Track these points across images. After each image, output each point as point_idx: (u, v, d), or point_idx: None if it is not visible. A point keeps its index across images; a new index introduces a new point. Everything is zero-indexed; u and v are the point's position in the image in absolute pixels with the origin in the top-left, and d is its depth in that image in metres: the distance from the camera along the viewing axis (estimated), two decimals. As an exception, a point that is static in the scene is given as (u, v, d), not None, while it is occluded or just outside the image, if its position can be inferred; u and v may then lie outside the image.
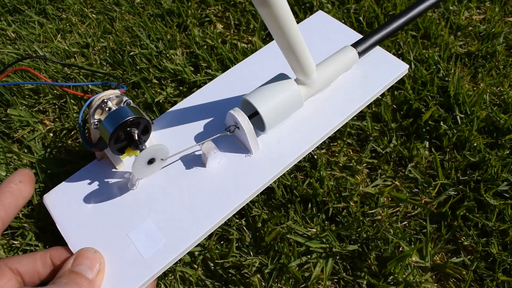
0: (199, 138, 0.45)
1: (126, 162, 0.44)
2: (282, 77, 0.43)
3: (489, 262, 0.43)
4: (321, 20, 0.55)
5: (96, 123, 0.40)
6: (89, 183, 0.43)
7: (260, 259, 0.42)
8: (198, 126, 0.47)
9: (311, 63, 0.41)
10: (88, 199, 0.42)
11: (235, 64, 0.56)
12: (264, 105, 0.41)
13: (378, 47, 0.50)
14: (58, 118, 0.55)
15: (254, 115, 0.43)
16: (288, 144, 0.44)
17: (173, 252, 0.39)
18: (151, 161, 0.39)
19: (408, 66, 0.48)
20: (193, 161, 0.44)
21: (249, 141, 0.43)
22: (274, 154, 0.44)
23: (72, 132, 0.53)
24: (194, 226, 0.40)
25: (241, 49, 0.59)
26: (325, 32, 0.53)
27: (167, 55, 0.59)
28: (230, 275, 0.42)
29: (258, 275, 0.42)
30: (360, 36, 0.50)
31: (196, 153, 0.44)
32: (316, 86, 0.44)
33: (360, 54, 0.47)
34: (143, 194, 0.42)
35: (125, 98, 0.40)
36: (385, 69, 0.48)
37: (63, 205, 0.42)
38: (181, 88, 0.56)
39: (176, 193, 0.42)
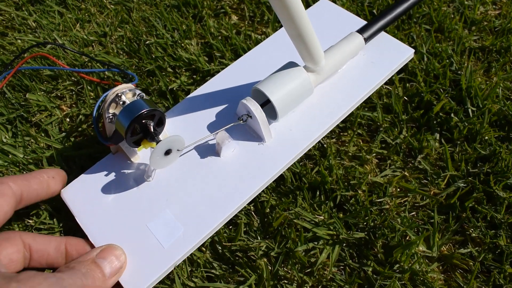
0: (212, 128, 0.46)
1: (141, 155, 0.45)
2: (291, 65, 0.44)
3: (496, 254, 0.43)
4: (325, 8, 0.56)
5: (111, 117, 0.41)
6: (105, 177, 0.44)
7: (267, 243, 0.43)
8: (210, 116, 0.47)
9: (319, 51, 0.42)
10: (105, 192, 0.43)
11: (248, 54, 0.56)
12: (275, 93, 0.42)
13: (383, 33, 0.51)
14: (75, 104, 0.56)
15: (265, 104, 0.44)
16: (300, 131, 0.45)
17: (192, 240, 0.40)
18: (167, 152, 0.40)
19: (413, 51, 0.49)
20: (207, 150, 0.45)
21: (262, 129, 0.43)
22: (287, 141, 0.45)
23: (88, 118, 0.54)
24: (212, 214, 0.41)
25: (254, 39, 0.60)
26: (330, 20, 0.54)
27: (182, 44, 0.60)
28: (237, 258, 0.42)
29: (265, 259, 0.42)
30: (365, 23, 0.50)
31: (210, 142, 0.45)
32: (325, 73, 0.45)
33: (366, 40, 0.47)
34: (160, 185, 0.43)
35: (138, 92, 0.41)
36: (391, 54, 0.49)
37: (81, 199, 0.43)
38: (194, 76, 0.57)
39: (192, 182, 0.43)
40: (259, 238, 0.44)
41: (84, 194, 0.43)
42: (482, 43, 0.60)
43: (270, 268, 0.42)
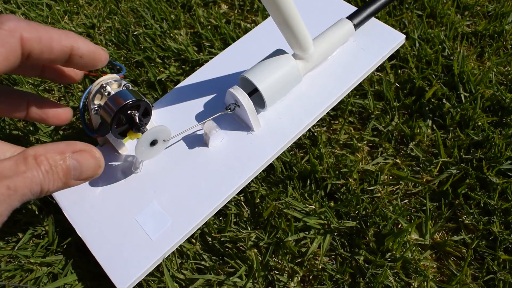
0: (200, 118, 0.45)
1: (129, 147, 0.44)
2: (279, 52, 0.43)
3: (490, 240, 0.42)
4: None
5: (96, 108, 0.40)
6: None
7: (257, 234, 0.42)
8: (198, 106, 0.47)
9: (307, 37, 0.41)
10: (93, 185, 0.43)
11: (237, 43, 0.56)
12: (263, 81, 0.41)
13: (373, 19, 0.50)
14: (63, 97, 0.55)
15: (253, 92, 0.43)
16: (289, 119, 0.44)
17: (180, 232, 0.40)
18: (153, 143, 0.40)
19: (404, 36, 0.48)
20: (195, 141, 0.44)
21: (250, 118, 0.43)
22: (276, 130, 0.44)
23: (76, 110, 0.53)
24: (200, 205, 0.41)
25: (244, 28, 0.59)
26: (320, 6, 0.53)
27: (171, 34, 0.59)
28: (227, 249, 0.42)
29: (255, 250, 0.42)
30: (355, 9, 0.49)
31: (198, 133, 0.44)
32: (314, 60, 0.44)
33: (356, 26, 0.47)
34: (148, 177, 0.43)
35: (123, 82, 0.41)
36: (381, 40, 0.48)
37: (69, 192, 0.43)
38: (183, 67, 0.56)
39: (180, 174, 0.43)
40: (249, 228, 0.43)
41: (72, 188, 0.43)
42: (475, 28, 0.59)
43: (260, 258, 0.41)
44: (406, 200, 0.45)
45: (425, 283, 0.40)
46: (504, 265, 0.41)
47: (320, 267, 0.41)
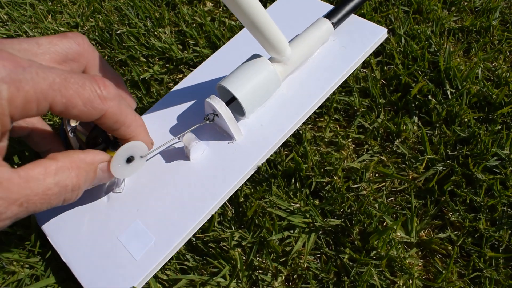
0: (181, 130, 0.44)
1: None
2: (256, 57, 0.42)
3: (476, 238, 0.42)
4: None
5: (73, 130, 0.40)
6: None
7: (241, 233, 0.42)
8: (180, 118, 0.46)
9: (281, 40, 0.40)
10: (77, 207, 0.42)
11: (221, 41, 0.55)
12: (240, 89, 0.40)
13: (353, 15, 0.49)
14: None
15: (232, 100, 0.42)
16: (271, 125, 0.44)
17: (164, 250, 0.39)
18: (129, 160, 0.38)
19: (386, 30, 0.47)
20: (177, 155, 0.43)
21: (230, 127, 0.42)
22: (258, 137, 0.43)
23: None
24: (184, 220, 0.40)
25: (228, 25, 0.58)
26: (296, 7, 0.52)
27: (155, 33, 0.59)
28: (210, 249, 0.41)
29: (239, 249, 0.41)
30: (332, 7, 0.49)
31: (177, 146, 0.44)
32: (292, 63, 0.43)
33: (335, 24, 0.46)
34: (130, 195, 0.42)
35: None
36: (363, 37, 0.48)
37: (51, 215, 0.42)
38: (168, 65, 0.56)
39: (162, 189, 0.42)
40: (233, 228, 0.42)
41: (54, 209, 0.42)
42: (461, 23, 0.58)
43: (244, 258, 0.41)
44: (392, 198, 0.44)
45: (411, 281, 0.39)
46: (490, 262, 0.40)
47: (305, 266, 0.40)
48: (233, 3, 0.34)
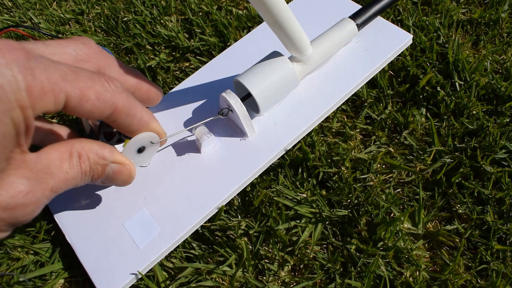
0: (194, 123, 0.44)
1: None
2: (275, 55, 0.41)
3: (483, 230, 0.42)
4: None
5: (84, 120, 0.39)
6: None
7: (247, 222, 0.41)
8: (194, 111, 0.45)
9: (303, 38, 0.39)
10: (83, 190, 0.41)
11: (228, 30, 0.55)
12: (256, 86, 0.40)
13: (379, 18, 0.48)
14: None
15: (247, 97, 0.42)
16: (285, 125, 0.43)
17: (167, 241, 0.39)
18: (141, 150, 0.38)
19: (411, 36, 0.46)
20: (188, 147, 0.43)
21: (243, 124, 0.41)
22: (271, 136, 0.42)
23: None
24: (190, 213, 0.39)
25: (235, 14, 0.58)
26: (321, 6, 0.51)
27: (161, 21, 0.58)
28: (216, 237, 0.41)
29: (245, 238, 0.41)
30: (359, 7, 0.48)
31: (189, 139, 0.43)
32: (312, 63, 0.43)
33: (360, 26, 0.45)
34: (138, 183, 0.41)
35: None
36: (387, 41, 0.46)
37: (59, 197, 0.42)
38: (174, 53, 0.55)
39: (171, 181, 0.41)
40: (239, 217, 0.42)
41: (63, 192, 0.42)
42: (470, 15, 0.58)
43: (250, 247, 0.41)
44: (399, 189, 0.44)
45: (417, 273, 0.39)
46: (497, 255, 0.40)
47: (311, 256, 0.40)
48: (258, 0, 0.33)
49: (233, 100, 0.40)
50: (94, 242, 0.39)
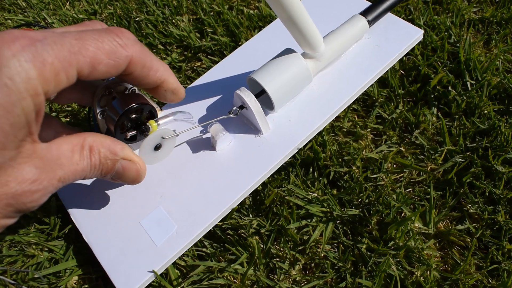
0: (207, 120, 0.44)
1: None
2: (288, 52, 0.41)
3: (495, 230, 0.42)
4: None
5: (102, 112, 0.39)
6: None
7: (259, 221, 0.42)
8: (207, 108, 0.46)
9: (316, 35, 0.40)
10: (99, 188, 0.42)
11: (240, 29, 0.55)
12: (271, 83, 0.40)
13: (389, 14, 0.48)
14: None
15: (261, 94, 0.42)
16: (299, 121, 0.43)
17: (185, 238, 0.39)
18: (157, 147, 0.39)
19: (422, 31, 0.46)
20: (203, 145, 0.43)
21: (258, 121, 0.42)
22: (285, 133, 0.43)
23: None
24: (206, 211, 0.40)
25: (247, 14, 0.58)
26: (332, 2, 0.51)
27: (173, 21, 0.59)
28: (228, 236, 0.42)
29: (256, 237, 0.41)
30: (369, 4, 0.48)
31: (204, 136, 0.44)
32: (325, 59, 0.43)
33: (370, 22, 0.45)
34: (154, 181, 0.42)
35: (129, 86, 0.39)
36: (398, 37, 0.46)
37: (75, 194, 0.42)
38: (185, 53, 0.56)
39: (187, 178, 0.42)
40: (250, 215, 0.43)
41: (78, 190, 0.42)
42: (482, 14, 0.58)
43: (262, 246, 0.41)
44: (410, 189, 0.44)
45: (428, 272, 0.39)
46: (508, 255, 0.40)
47: (322, 255, 0.40)
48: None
49: (247, 97, 0.40)
50: (111, 240, 0.39)
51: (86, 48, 0.28)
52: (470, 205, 0.43)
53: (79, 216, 0.41)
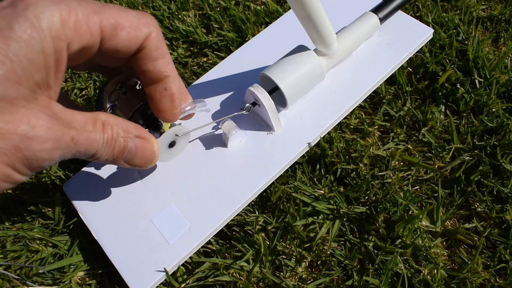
0: (219, 116, 0.44)
1: None
2: (301, 49, 0.41)
3: (503, 229, 0.41)
4: None
5: (112, 107, 0.39)
6: (108, 170, 0.43)
7: (265, 217, 0.42)
8: (217, 104, 0.45)
9: (331, 33, 0.39)
10: (109, 185, 0.42)
11: (246, 25, 0.55)
12: (284, 79, 0.40)
13: (400, 12, 0.48)
14: (70, 78, 0.55)
15: (274, 91, 0.42)
16: (311, 119, 0.43)
17: (198, 236, 0.38)
18: (171, 144, 0.38)
19: (433, 31, 0.46)
20: (214, 141, 0.43)
21: (271, 118, 0.41)
22: (297, 130, 0.42)
23: (83, 92, 0.53)
24: (219, 208, 0.39)
25: (253, 10, 0.58)
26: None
27: (179, 16, 0.58)
28: (234, 232, 0.41)
29: (263, 234, 0.41)
30: (380, 1, 0.48)
31: (216, 133, 0.43)
32: (337, 56, 0.43)
33: (382, 20, 0.45)
34: (165, 178, 0.41)
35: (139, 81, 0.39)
36: (408, 35, 0.46)
37: (83, 192, 0.42)
38: (191, 49, 0.56)
39: (198, 175, 0.41)
40: (257, 212, 0.42)
41: (87, 188, 0.42)
42: (490, 12, 0.57)
43: (268, 243, 0.41)
44: (418, 187, 0.44)
45: (435, 271, 0.39)
46: (516, 253, 0.40)
47: (329, 252, 0.40)
48: None
49: (261, 94, 0.40)
50: (121, 238, 0.39)
51: (110, 11, 0.28)
52: (478, 204, 0.43)
53: (88, 213, 0.41)
